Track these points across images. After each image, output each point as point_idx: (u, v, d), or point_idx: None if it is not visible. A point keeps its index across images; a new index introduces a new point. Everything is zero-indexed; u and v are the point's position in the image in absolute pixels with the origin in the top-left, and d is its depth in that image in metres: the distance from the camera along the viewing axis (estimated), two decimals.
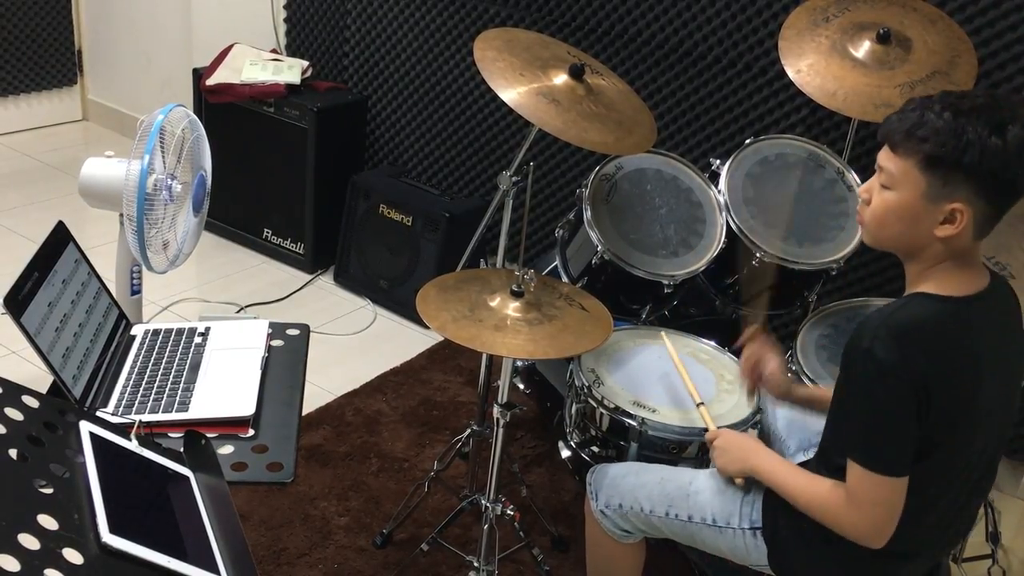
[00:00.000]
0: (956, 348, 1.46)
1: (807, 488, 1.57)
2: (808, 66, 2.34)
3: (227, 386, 1.80)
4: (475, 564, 2.10)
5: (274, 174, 3.56)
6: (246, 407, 1.73)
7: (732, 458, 1.72)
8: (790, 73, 2.36)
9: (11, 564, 0.95)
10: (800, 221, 2.36)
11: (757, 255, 2.29)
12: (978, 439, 1.52)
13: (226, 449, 1.65)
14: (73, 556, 1.02)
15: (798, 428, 1.96)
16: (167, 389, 1.77)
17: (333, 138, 3.51)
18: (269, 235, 3.65)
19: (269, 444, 1.68)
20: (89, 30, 4.48)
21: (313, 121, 3.39)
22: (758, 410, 2.00)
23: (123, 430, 1.33)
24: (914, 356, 1.42)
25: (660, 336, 2.21)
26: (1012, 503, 2.78)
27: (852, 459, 1.48)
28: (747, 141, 2.45)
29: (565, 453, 2.17)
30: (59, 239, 1.79)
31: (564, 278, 2.41)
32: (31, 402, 1.23)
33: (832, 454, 1.57)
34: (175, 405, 1.73)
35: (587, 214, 2.27)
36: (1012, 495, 2.81)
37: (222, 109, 3.49)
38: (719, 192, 2.36)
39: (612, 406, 2.00)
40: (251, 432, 1.70)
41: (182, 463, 1.36)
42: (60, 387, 1.63)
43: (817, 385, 2.16)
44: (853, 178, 2.41)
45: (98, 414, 1.56)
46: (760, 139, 2.46)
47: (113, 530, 1.08)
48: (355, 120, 3.68)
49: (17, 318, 1.55)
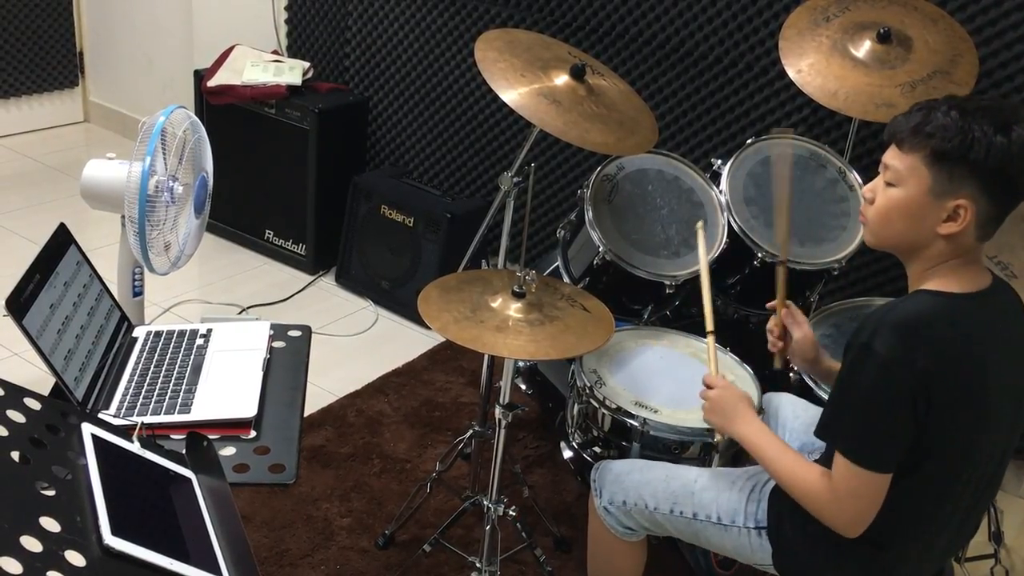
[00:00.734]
0: (959, 343, 1.46)
1: (794, 469, 1.57)
2: (809, 66, 2.34)
3: (229, 388, 1.80)
4: (477, 565, 2.10)
5: (275, 175, 3.56)
6: (248, 408, 1.73)
7: (719, 416, 1.74)
8: (791, 73, 2.36)
9: (13, 566, 0.95)
10: (802, 221, 2.36)
11: (759, 255, 2.29)
12: (985, 439, 1.51)
13: (228, 451, 1.65)
14: (75, 558, 1.02)
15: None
16: (169, 391, 1.78)
17: (334, 139, 3.51)
18: (271, 236, 3.66)
19: (271, 445, 1.68)
20: (90, 32, 4.48)
21: (314, 122, 3.39)
22: (760, 410, 2.00)
23: (125, 432, 1.33)
24: (915, 351, 1.42)
25: (666, 337, 2.22)
26: (1015, 503, 2.78)
27: (839, 450, 1.48)
28: (748, 141, 2.45)
29: (567, 454, 2.17)
30: (61, 241, 1.79)
31: (566, 279, 2.41)
32: (33, 404, 1.23)
33: (826, 448, 1.57)
34: (177, 407, 1.73)
35: (589, 215, 2.27)
36: (1015, 494, 2.80)
37: (223, 110, 3.50)
38: (720, 192, 2.36)
39: (614, 406, 2.00)
40: (253, 433, 1.70)
41: (184, 465, 1.36)
42: (62, 389, 1.63)
43: (819, 385, 2.16)
44: (854, 178, 2.41)
45: (100, 416, 1.56)
46: (761, 139, 2.46)
47: (115, 532, 1.08)
48: (356, 121, 3.68)
49: (19, 320, 1.55)
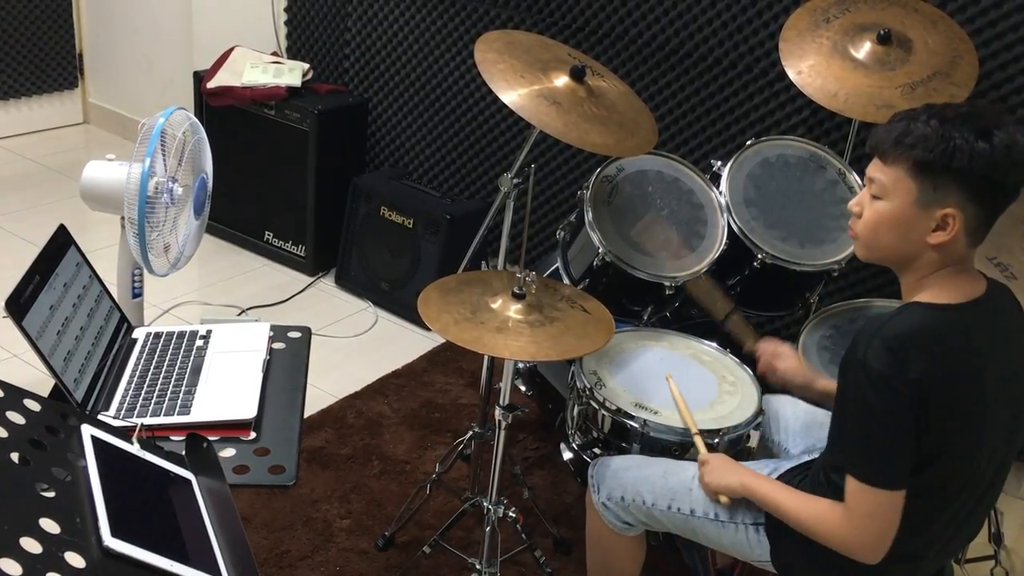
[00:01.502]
0: (954, 355, 1.45)
1: (803, 505, 1.57)
2: (809, 67, 2.34)
3: (229, 389, 1.80)
4: (477, 566, 2.10)
5: (275, 177, 3.56)
6: (248, 410, 1.73)
7: (721, 474, 1.71)
8: (791, 74, 2.36)
9: (13, 568, 0.95)
10: (801, 222, 2.36)
11: (759, 256, 2.29)
12: (985, 445, 1.51)
13: (228, 452, 1.65)
14: (75, 560, 1.02)
15: (818, 427, 1.95)
16: (169, 392, 1.77)
17: (334, 140, 3.51)
18: (270, 238, 3.66)
19: (271, 447, 1.68)
20: (90, 33, 4.48)
21: (314, 123, 3.39)
22: (760, 411, 2.00)
23: (125, 433, 1.33)
24: (908, 365, 1.41)
25: (666, 338, 2.22)
26: (1015, 504, 2.78)
27: (849, 472, 1.47)
28: (748, 142, 2.45)
29: (567, 455, 2.17)
30: (60, 242, 1.79)
31: (566, 280, 2.41)
32: (32, 406, 1.23)
33: (831, 472, 1.55)
34: (177, 408, 1.73)
35: (588, 216, 2.27)
36: (1015, 496, 2.80)
37: (223, 112, 3.50)
38: (720, 193, 2.36)
39: (614, 408, 2.00)
40: (253, 435, 1.70)
41: (184, 466, 1.36)
42: (62, 390, 1.63)
43: None
44: (854, 179, 2.41)
45: (100, 417, 1.56)
46: (761, 140, 2.46)
47: (115, 533, 1.08)
48: (356, 122, 3.68)
49: (19, 321, 1.55)
